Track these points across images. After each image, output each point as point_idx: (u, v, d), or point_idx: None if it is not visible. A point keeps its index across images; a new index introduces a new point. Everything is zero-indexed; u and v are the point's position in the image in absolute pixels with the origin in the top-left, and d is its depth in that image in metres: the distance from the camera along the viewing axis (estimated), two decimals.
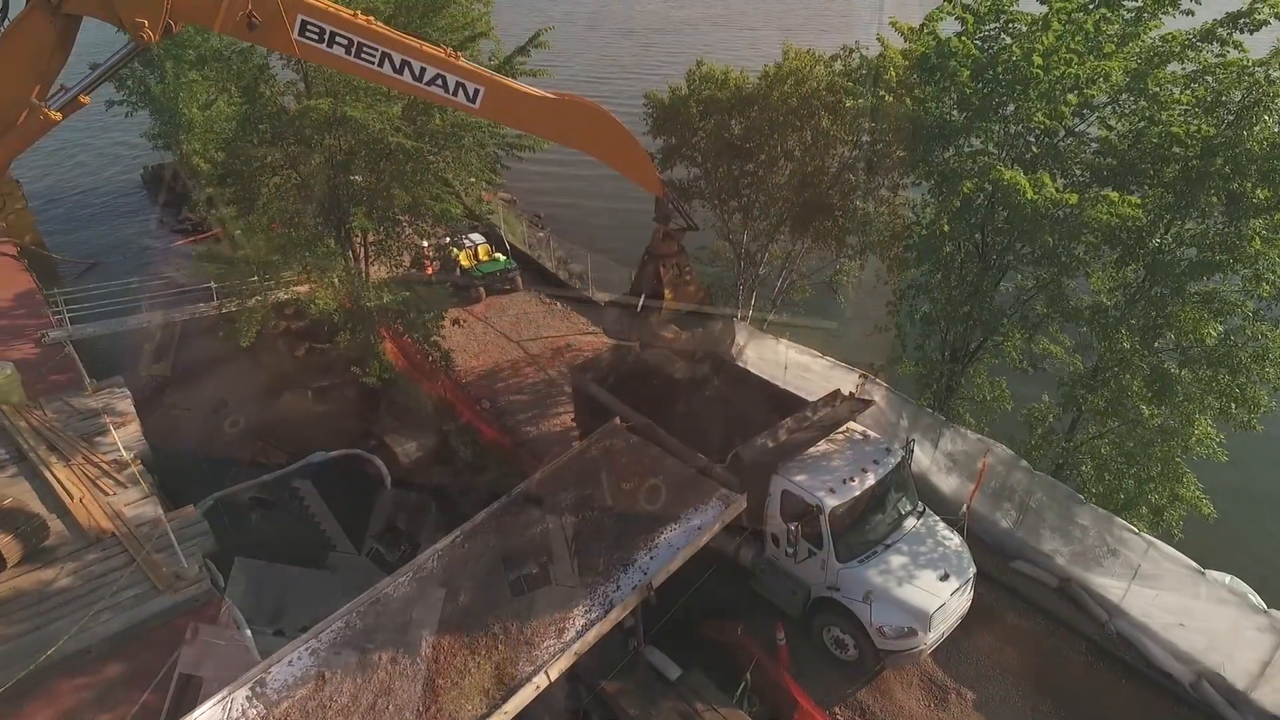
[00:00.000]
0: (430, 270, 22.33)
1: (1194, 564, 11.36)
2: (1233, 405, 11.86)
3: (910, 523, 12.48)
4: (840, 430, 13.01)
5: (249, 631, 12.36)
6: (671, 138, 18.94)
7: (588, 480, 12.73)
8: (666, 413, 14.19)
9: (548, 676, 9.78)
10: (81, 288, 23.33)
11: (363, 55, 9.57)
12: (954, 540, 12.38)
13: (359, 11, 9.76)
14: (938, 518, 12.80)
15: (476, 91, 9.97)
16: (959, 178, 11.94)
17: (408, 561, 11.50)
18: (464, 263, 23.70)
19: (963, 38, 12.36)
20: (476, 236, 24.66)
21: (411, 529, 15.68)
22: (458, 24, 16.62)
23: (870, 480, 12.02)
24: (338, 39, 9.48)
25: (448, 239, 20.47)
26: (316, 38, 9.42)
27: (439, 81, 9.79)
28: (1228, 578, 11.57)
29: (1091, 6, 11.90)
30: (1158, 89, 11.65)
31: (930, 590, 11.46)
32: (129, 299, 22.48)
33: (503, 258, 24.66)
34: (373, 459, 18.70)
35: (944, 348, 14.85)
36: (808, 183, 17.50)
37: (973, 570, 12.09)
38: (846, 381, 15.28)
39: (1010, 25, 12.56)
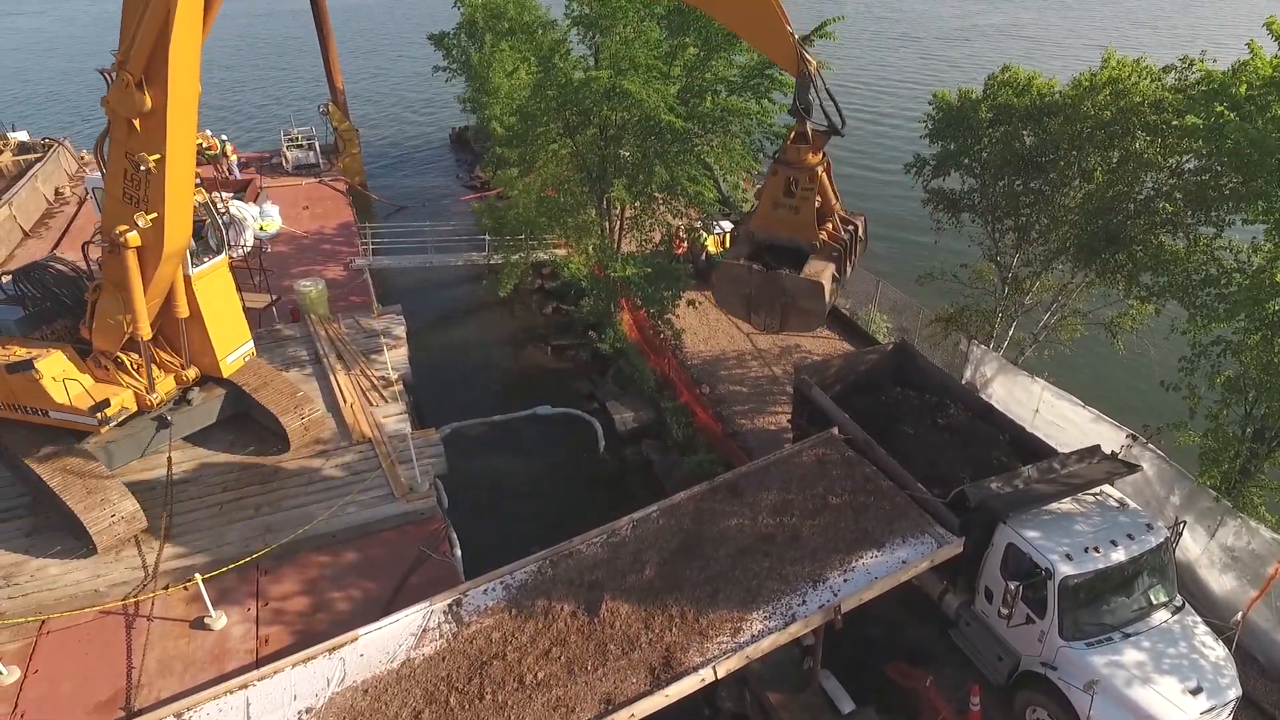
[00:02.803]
0: (680, 250, 22.81)
1: None
2: None
3: (1161, 616, 10.60)
4: (1093, 491, 11.36)
5: (459, 552, 13.62)
6: (951, 143, 17.51)
7: (794, 485, 12.31)
8: (890, 432, 13.31)
9: (715, 672, 9.62)
10: (385, 225, 27.02)
11: None
12: (1217, 651, 10.32)
13: None
14: (1200, 619, 10.74)
15: None
16: None
17: None
18: (711, 248, 23.87)
19: None
20: (726, 224, 24.70)
21: None
22: None
23: (1119, 555, 10.37)
24: None
25: (699, 222, 20.67)
26: None
27: None
28: None
29: None
30: None
31: (1175, 701, 9.65)
32: (420, 240, 25.59)
33: None
34: (592, 421, 19.72)
35: (1248, 422, 12.38)
36: (1105, 208, 15.29)
37: (1236, 693, 10.00)
38: (1112, 440, 13.28)
39: None
